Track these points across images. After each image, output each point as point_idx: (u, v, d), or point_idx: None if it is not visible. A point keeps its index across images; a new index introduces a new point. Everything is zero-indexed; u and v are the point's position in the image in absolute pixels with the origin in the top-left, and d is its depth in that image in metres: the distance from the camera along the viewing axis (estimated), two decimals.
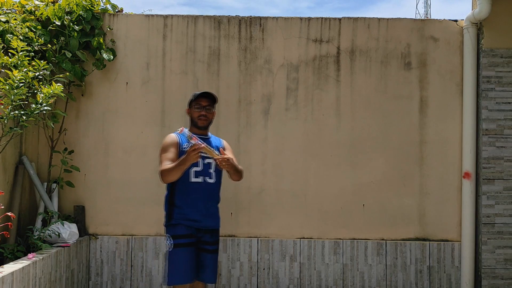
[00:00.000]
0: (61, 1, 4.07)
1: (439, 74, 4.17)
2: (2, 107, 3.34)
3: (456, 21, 4.19)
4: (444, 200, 4.14)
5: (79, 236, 4.00)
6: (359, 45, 4.19)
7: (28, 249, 3.58)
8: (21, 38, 3.74)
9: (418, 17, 18.52)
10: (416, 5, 56.93)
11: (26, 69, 3.46)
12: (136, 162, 4.17)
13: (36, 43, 3.81)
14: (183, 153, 2.99)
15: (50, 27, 3.99)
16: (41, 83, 3.69)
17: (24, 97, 3.39)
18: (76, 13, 4.02)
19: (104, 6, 4.22)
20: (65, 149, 4.10)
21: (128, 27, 4.22)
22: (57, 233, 3.67)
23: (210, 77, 4.20)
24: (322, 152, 4.17)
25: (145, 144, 4.17)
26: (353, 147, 4.16)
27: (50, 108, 3.56)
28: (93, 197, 4.17)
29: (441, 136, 4.15)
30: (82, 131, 4.19)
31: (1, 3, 4.08)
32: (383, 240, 4.15)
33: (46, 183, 4.04)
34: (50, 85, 3.60)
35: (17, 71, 3.38)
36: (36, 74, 3.58)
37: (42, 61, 3.62)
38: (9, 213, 3.05)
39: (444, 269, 4.12)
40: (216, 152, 2.98)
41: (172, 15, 4.23)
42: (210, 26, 4.21)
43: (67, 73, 3.94)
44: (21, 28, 3.80)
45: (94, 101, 4.19)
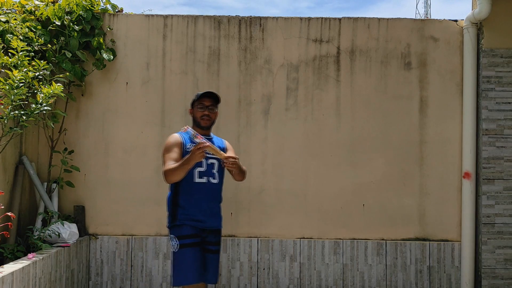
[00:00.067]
0: (61, 1, 4.07)
1: (439, 74, 4.17)
2: (2, 107, 3.34)
3: (456, 21, 4.19)
4: (444, 200, 4.14)
5: (79, 236, 4.00)
6: (359, 45, 4.19)
7: (28, 249, 3.58)
8: (21, 38, 3.74)
9: (418, 17, 18.52)
10: (416, 5, 56.96)
11: (26, 69, 3.46)
12: (136, 162, 4.17)
13: (36, 43, 3.81)
14: (186, 153, 2.97)
15: (50, 27, 3.99)
16: (41, 83, 3.69)
17: (24, 97, 3.39)
18: (76, 13, 4.02)
19: (104, 6, 4.22)
20: (65, 149, 4.10)
21: (128, 27, 4.22)
22: (57, 233, 3.67)
23: (210, 77, 4.20)
24: (322, 152, 4.17)
25: (145, 144, 4.18)
26: (353, 147, 4.17)
27: (50, 108, 3.56)
28: (93, 197, 4.17)
29: (441, 136, 4.15)
30: (82, 131, 4.19)
31: (1, 3, 4.08)
32: (383, 240, 4.15)
33: (46, 183, 4.04)
34: (50, 85, 3.60)
35: (17, 71, 3.38)
36: (36, 74, 3.57)
37: (42, 61, 3.62)
38: (9, 213, 3.05)
39: (444, 269, 4.12)
40: (221, 152, 2.95)
41: (172, 15, 4.23)
42: (210, 26, 4.21)
43: (67, 73, 3.94)
44: (21, 28, 3.80)
45: (94, 101, 4.20)
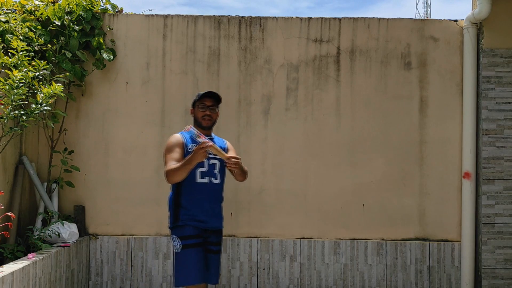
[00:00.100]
0: (61, 1, 4.07)
1: (439, 74, 4.17)
2: (2, 107, 3.34)
3: (456, 21, 4.19)
4: (444, 200, 4.14)
5: (79, 236, 4.00)
6: (359, 45, 4.19)
7: (28, 249, 3.58)
8: (21, 38, 3.74)
9: (418, 17, 18.52)
10: (416, 5, 56.99)
11: (26, 69, 3.46)
12: (136, 162, 4.17)
13: (36, 43, 3.81)
14: (188, 153, 2.95)
15: (50, 27, 3.99)
16: (41, 83, 3.69)
17: (24, 97, 3.39)
18: (76, 13, 4.02)
19: (104, 6, 4.22)
20: (65, 149, 4.10)
21: (128, 27, 4.22)
22: (57, 233, 3.67)
23: (210, 77, 4.20)
24: (322, 152, 4.17)
25: (145, 144, 4.18)
26: (353, 147, 4.16)
27: (50, 108, 3.56)
28: (93, 197, 4.17)
29: (441, 136, 4.15)
30: (82, 131, 4.19)
31: (1, 3, 4.08)
32: (383, 240, 4.15)
33: (46, 183, 4.04)
34: (50, 85, 3.60)
35: (17, 71, 3.38)
36: (36, 74, 3.57)
37: (42, 61, 3.62)
38: (9, 213, 3.05)
39: (444, 269, 4.12)
40: (223, 152, 2.92)
41: (172, 15, 4.23)
42: (210, 26, 4.21)
43: (67, 73, 3.94)
44: (21, 28, 3.80)
45: (94, 101, 4.20)
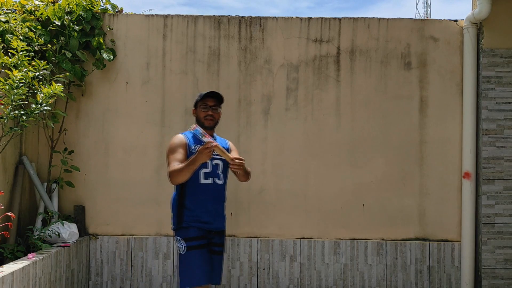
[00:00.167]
0: (61, 1, 4.07)
1: (439, 74, 4.17)
2: (2, 107, 3.34)
3: (456, 21, 4.19)
4: (444, 200, 4.14)
5: (79, 236, 4.00)
6: (359, 45, 4.19)
7: (28, 249, 3.58)
8: (21, 38, 3.74)
9: (418, 17, 18.52)
10: (416, 5, 56.97)
11: (26, 69, 3.46)
12: (136, 162, 4.17)
13: (36, 43, 3.81)
14: (191, 154, 2.92)
15: (50, 27, 4.00)
16: (41, 83, 3.69)
17: (24, 97, 3.39)
18: (76, 13, 4.02)
19: (104, 6, 4.22)
20: (65, 149, 4.10)
21: (128, 27, 4.22)
22: (57, 233, 3.68)
23: (210, 77, 4.20)
24: (322, 152, 4.17)
25: (145, 144, 4.18)
26: (353, 147, 4.16)
27: (50, 108, 3.56)
28: (93, 197, 4.17)
29: (441, 136, 4.15)
30: (82, 131, 4.19)
31: (1, 3, 4.08)
32: (383, 240, 4.15)
33: (46, 183, 4.04)
34: (50, 85, 3.60)
35: (17, 71, 3.38)
36: (36, 74, 3.58)
37: (42, 61, 3.62)
38: (9, 213, 3.05)
39: (444, 269, 4.12)
40: (227, 153, 2.87)
41: (172, 15, 4.23)
42: (210, 26, 4.21)
43: (67, 73, 3.95)
44: (21, 28, 3.80)
45: (94, 101, 4.20)
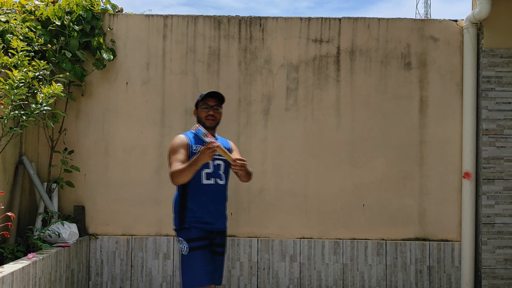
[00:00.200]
0: (61, 1, 4.07)
1: (439, 74, 4.17)
2: (2, 107, 3.34)
3: (456, 21, 4.19)
4: (444, 200, 4.14)
5: (79, 236, 4.00)
6: (359, 45, 4.19)
7: (28, 249, 3.58)
8: (21, 38, 3.74)
9: (418, 17, 18.52)
10: (416, 5, 56.99)
11: (26, 69, 3.46)
12: (136, 162, 4.17)
13: (36, 43, 3.81)
14: (193, 154, 2.91)
15: (50, 27, 4.00)
16: (41, 83, 3.69)
17: (24, 97, 3.39)
18: (76, 13, 4.02)
19: (104, 6, 4.22)
20: (65, 149, 4.10)
21: (128, 27, 4.22)
22: (57, 233, 3.68)
23: (210, 77, 4.20)
24: (322, 152, 4.17)
25: (145, 144, 4.18)
26: (353, 147, 4.16)
27: (50, 108, 3.56)
28: (93, 197, 4.17)
29: (441, 136, 4.15)
30: (82, 131, 4.19)
31: (1, 3, 4.08)
32: (383, 240, 4.15)
33: (46, 183, 4.04)
34: (50, 85, 3.60)
35: (17, 71, 3.38)
36: (36, 74, 3.58)
37: (42, 61, 3.62)
38: (9, 213, 3.05)
39: (444, 269, 4.12)
40: (229, 154, 2.84)
41: (172, 15, 4.23)
42: (210, 26, 4.21)
43: (67, 73, 3.94)
44: (21, 28, 3.80)
45: (94, 101, 4.20)
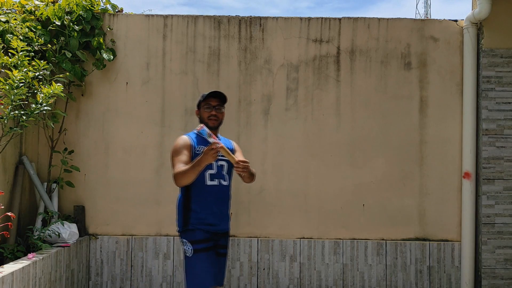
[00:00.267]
0: (61, 1, 4.07)
1: (439, 74, 4.17)
2: (2, 107, 3.34)
3: (456, 21, 4.19)
4: (444, 200, 4.14)
5: (79, 236, 4.00)
6: (359, 45, 4.19)
7: (28, 249, 3.58)
8: (21, 38, 3.74)
9: (418, 17, 18.52)
10: (416, 5, 56.98)
11: (26, 69, 3.46)
12: (136, 162, 4.17)
13: (36, 43, 3.81)
14: (196, 155, 2.88)
15: (50, 27, 4.00)
16: (41, 83, 3.69)
17: (24, 97, 3.39)
18: (76, 13, 4.02)
19: (104, 6, 4.22)
20: (65, 149, 4.10)
21: (128, 27, 4.22)
22: (57, 233, 3.68)
23: (210, 77, 4.20)
24: (322, 152, 4.17)
25: (145, 144, 4.17)
26: (353, 147, 4.16)
27: (50, 108, 3.56)
28: (93, 197, 4.17)
29: (441, 136, 4.15)
30: (82, 131, 4.19)
31: (1, 3, 4.08)
32: (383, 240, 4.15)
33: (46, 183, 4.04)
34: (50, 85, 3.60)
35: (17, 71, 3.38)
36: (36, 74, 3.58)
37: (42, 61, 3.62)
38: (9, 213, 3.05)
39: (444, 269, 4.12)
40: (232, 155, 2.80)
41: (172, 15, 4.23)
42: (210, 26, 4.21)
43: (67, 73, 3.95)
44: (21, 28, 3.80)
45: (94, 101, 4.20)
